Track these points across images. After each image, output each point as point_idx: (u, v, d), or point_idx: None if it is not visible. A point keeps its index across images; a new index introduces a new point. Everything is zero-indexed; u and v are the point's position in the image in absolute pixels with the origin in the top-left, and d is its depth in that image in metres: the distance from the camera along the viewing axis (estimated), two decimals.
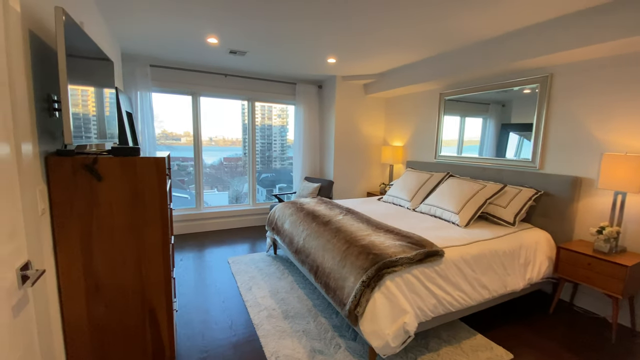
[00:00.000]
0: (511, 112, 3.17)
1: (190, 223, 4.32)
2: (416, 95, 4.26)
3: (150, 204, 1.45)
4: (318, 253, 2.26)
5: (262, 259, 3.39)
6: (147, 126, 3.84)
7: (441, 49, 3.19)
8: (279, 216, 3.15)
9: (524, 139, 3.06)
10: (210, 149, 4.58)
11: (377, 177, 4.96)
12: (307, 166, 4.82)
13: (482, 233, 2.46)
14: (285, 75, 4.51)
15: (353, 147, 4.71)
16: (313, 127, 4.82)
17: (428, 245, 2.00)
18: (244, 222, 4.67)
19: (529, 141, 3.00)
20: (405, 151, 4.49)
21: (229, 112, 4.67)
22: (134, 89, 3.73)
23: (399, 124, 4.60)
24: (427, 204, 3.04)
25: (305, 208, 3.01)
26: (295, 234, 2.70)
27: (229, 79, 4.31)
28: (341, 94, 4.48)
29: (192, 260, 3.39)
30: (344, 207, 3.01)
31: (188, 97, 4.25)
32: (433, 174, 3.43)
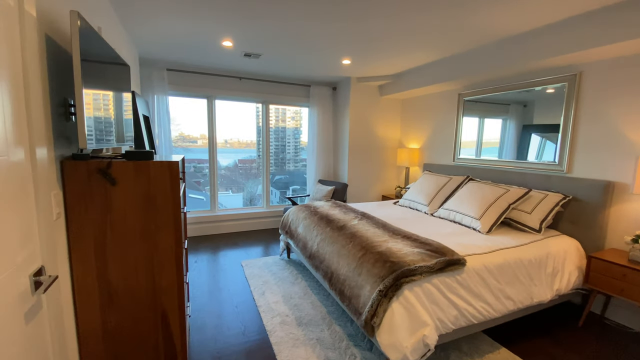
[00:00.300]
0: (533, 112, 3.03)
1: (205, 225, 4.34)
2: (433, 96, 4.15)
3: (163, 208, 1.43)
4: (332, 259, 2.20)
5: (276, 263, 3.35)
6: (163, 129, 3.89)
7: (461, 48, 3.08)
8: (293, 220, 3.11)
9: (547, 140, 2.92)
10: (226, 151, 4.62)
11: (392, 180, 4.86)
12: (320, 169, 4.77)
13: (505, 240, 2.34)
14: (299, 77, 4.48)
15: (368, 149, 4.63)
16: (327, 130, 4.77)
17: (449, 253, 1.91)
18: (258, 225, 4.66)
19: (552, 143, 2.85)
20: (422, 154, 4.37)
21: (244, 115, 4.69)
22: (151, 92, 3.79)
23: (416, 125, 4.49)
24: (445, 209, 2.93)
25: (319, 212, 2.95)
26: (309, 238, 2.65)
27: (243, 82, 4.32)
28: (356, 95, 4.42)
29: (206, 263, 3.39)
30: (359, 211, 2.93)
31: (203, 100, 4.28)
32: (452, 177, 3.31)
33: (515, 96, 3.17)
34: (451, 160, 3.87)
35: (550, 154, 2.87)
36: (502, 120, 3.32)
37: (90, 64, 1.31)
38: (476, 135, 3.59)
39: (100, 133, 1.40)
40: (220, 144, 4.35)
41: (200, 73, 4.00)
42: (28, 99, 1.01)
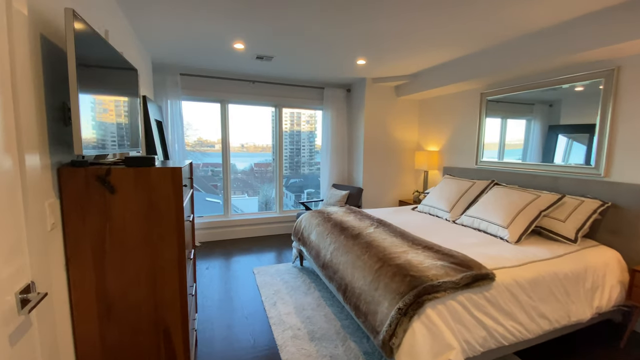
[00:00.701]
0: (560, 112, 2.81)
1: (218, 230, 4.29)
2: (453, 96, 3.95)
3: (165, 217, 1.34)
4: (347, 270, 2.06)
5: (288, 271, 3.24)
6: (177, 134, 3.87)
7: (484, 45, 2.89)
8: (305, 226, 2.99)
9: (573, 141, 2.72)
10: (242, 155, 4.58)
11: (410, 184, 4.67)
12: (335, 173, 4.64)
13: (537, 251, 2.13)
14: (312, 79, 4.38)
15: (384, 152, 4.46)
16: (341, 132, 4.64)
17: (475, 266, 1.74)
18: (271, 230, 4.57)
19: (580, 144, 2.66)
20: (442, 156, 4.17)
21: (260, 119, 4.63)
22: (164, 97, 3.78)
23: (434, 127, 4.29)
24: (469, 216, 2.73)
25: (332, 218, 2.82)
26: (322, 246, 2.52)
27: (256, 86, 4.26)
28: (371, 96, 4.27)
29: (218, 270, 3.31)
30: (375, 218, 2.78)
31: (217, 105, 4.25)
32: (475, 181, 3.11)
33: (540, 95, 2.96)
34: (473, 164, 3.65)
35: (578, 156, 2.66)
36: (525, 120, 3.10)
37: (91, 67, 1.25)
38: (498, 136, 3.38)
39: (103, 138, 1.33)
40: (237, 148, 4.36)
41: (213, 77, 3.97)
42: (17, 102, 0.94)
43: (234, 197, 5.13)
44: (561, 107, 2.80)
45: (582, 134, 2.63)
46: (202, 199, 5.21)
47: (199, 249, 3.96)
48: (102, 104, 1.37)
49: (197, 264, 3.47)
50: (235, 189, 5.03)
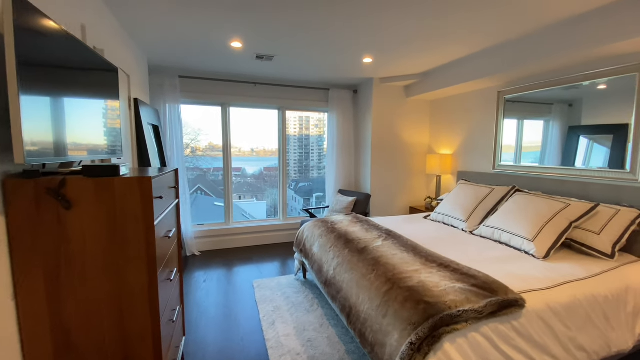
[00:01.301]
0: (581, 112, 2.58)
1: (218, 239, 4.11)
2: (468, 95, 3.68)
3: (133, 237, 1.14)
4: (351, 290, 1.82)
5: (290, 284, 3.02)
6: (175, 139, 3.71)
7: (502, 38, 2.63)
8: (308, 237, 2.77)
9: (594, 143, 2.52)
10: (253, 159, 4.52)
11: (421, 189, 4.40)
12: (341, 178, 4.41)
13: (570, 269, 1.86)
14: (317, 80, 4.18)
15: (393, 156, 4.22)
16: (348, 135, 4.41)
17: (501, 290, 1.48)
18: (274, 239, 4.36)
19: (601, 146, 2.46)
20: (455, 160, 3.89)
21: (269, 123, 4.45)
22: (162, 101, 3.63)
23: (447, 129, 4.03)
24: (488, 227, 2.46)
25: (337, 229, 2.59)
26: (324, 260, 2.29)
27: (258, 88, 4.08)
28: (379, 97, 4.04)
29: (216, 282, 3.12)
30: (384, 229, 2.54)
31: (217, 108, 4.09)
32: (494, 188, 2.83)
33: (560, 94, 2.70)
34: (490, 168, 3.37)
35: (598, 159, 2.46)
36: (543, 121, 2.87)
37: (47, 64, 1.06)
38: (515, 139, 3.12)
39: (59, 143, 1.14)
40: (247, 152, 4.31)
41: (213, 79, 3.81)
42: None
43: (242, 202, 4.99)
44: (582, 106, 2.56)
45: (604, 135, 2.43)
46: (211, 203, 5.10)
47: (197, 258, 3.78)
48: (65, 105, 1.19)
49: (194, 275, 3.28)
50: (245, 193, 4.90)
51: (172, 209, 1.62)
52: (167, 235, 1.45)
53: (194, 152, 4.42)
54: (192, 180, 4.61)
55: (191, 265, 3.56)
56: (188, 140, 4.29)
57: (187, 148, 4.25)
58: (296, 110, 4.44)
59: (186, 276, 3.26)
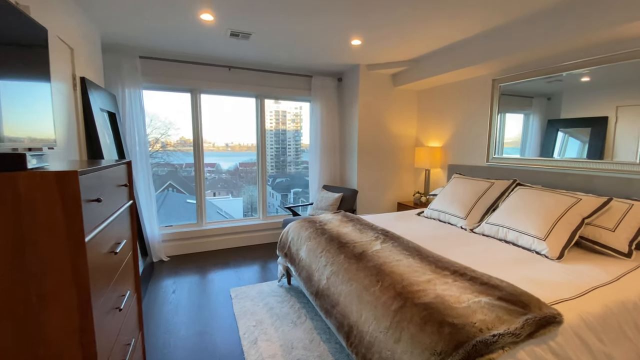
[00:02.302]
0: (560, 105, 2.57)
1: (190, 242, 3.68)
2: (459, 84, 3.48)
3: (50, 259, 0.77)
4: (351, 306, 1.53)
5: (273, 292, 2.69)
6: (137, 130, 3.23)
7: (500, 20, 2.42)
8: (293, 239, 2.45)
9: (569, 137, 2.55)
10: (227, 155, 4.20)
11: (409, 184, 4.19)
12: (325, 173, 4.11)
13: (590, 271, 1.67)
14: (299, 66, 3.83)
15: (380, 149, 3.96)
16: (332, 127, 4.11)
17: (533, 304, 1.24)
18: (253, 239, 4.00)
19: (575, 140, 2.52)
20: (445, 153, 3.71)
21: (245, 115, 4.04)
22: (120, 84, 3.14)
23: (436, 120, 3.83)
24: (491, 224, 2.26)
25: (327, 230, 2.29)
26: (314, 267, 1.99)
27: (233, 73, 3.67)
28: (366, 86, 3.76)
29: (187, 293, 2.72)
30: (379, 228, 2.27)
31: (186, 95, 3.63)
32: (493, 181, 2.64)
33: (542, 87, 2.69)
34: (484, 161, 3.20)
35: (572, 152, 2.51)
36: (524, 115, 2.89)
37: None
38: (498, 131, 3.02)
39: None
40: (222, 147, 4.04)
41: (181, 61, 3.35)
42: None
43: (217, 199, 4.60)
44: (562, 100, 2.56)
45: (580, 128, 2.47)
46: (184, 200, 4.66)
47: (165, 265, 3.34)
48: None
49: (162, 286, 2.87)
50: (220, 189, 4.61)
51: (122, 213, 1.24)
52: (114, 251, 1.08)
53: (165, 147, 3.97)
54: (163, 176, 4.18)
55: (158, 274, 3.13)
56: (158, 135, 3.85)
57: (157, 143, 3.80)
58: (276, 100, 4.06)
59: (151, 288, 2.84)
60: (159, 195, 4.17)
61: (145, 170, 3.30)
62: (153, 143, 3.60)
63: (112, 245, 1.09)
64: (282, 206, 4.85)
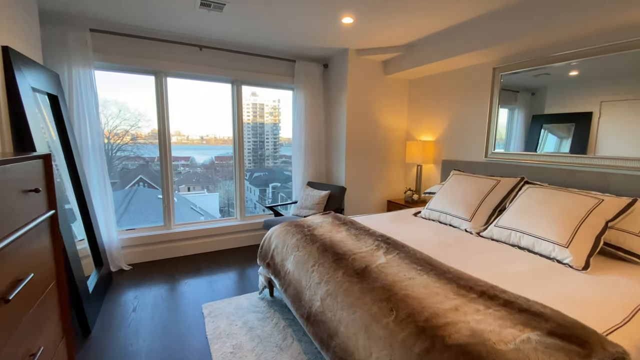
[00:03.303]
0: (545, 100, 2.50)
1: (156, 247, 3.22)
2: (455, 73, 3.23)
3: None
4: (355, 339, 1.21)
5: (254, 307, 2.33)
6: (88, 116, 2.72)
7: (503, 1, 2.16)
8: (278, 246, 2.09)
9: (549, 133, 2.50)
10: (203, 148, 3.87)
11: (398, 180, 3.93)
12: (310, 168, 3.76)
13: (623, 285, 1.45)
14: (280, 48, 3.43)
15: (369, 143, 3.66)
16: (317, 118, 3.75)
17: (592, 339, 0.97)
18: (229, 243, 3.59)
19: (553, 136, 2.47)
20: (439, 148, 3.46)
21: (220, 103, 3.61)
22: (65, 62, 2.61)
23: (429, 112, 3.57)
24: (502, 227, 2.01)
25: (318, 236, 1.95)
26: (305, 284, 1.65)
27: (205, 53, 3.21)
28: (355, 73, 3.43)
29: (150, 310, 2.31)
30: (377, 234, 1.96)
31: (149, 78, 3.14)
32: (499, 179, 2.41)
33: (528, 81, 2.59)
34: (482, 156, 2.98)
35: (550, 148, 2.49)
36: (508, 110, 2.78)
37: None
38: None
39: None
40: (197, 140, 3.74)
41: (143, 37, 2.86)
42: None
43: (191, 194, 4.23)
44: (546, 95, 2.48)
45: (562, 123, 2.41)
46: (155, 196, 4.21)
47: (126, 275, 2.88)
48: None
49: (120, 301, 2.42)
50: (194, 184, 4.30)
51: (30, 233, 0.84)
52: (4, 297, 0.68)
53: (135, 140, 3.52)
54: (134, 170, 3.70)
55: (116, 287, 2.67)
56: (127, 126, 3.38)
57: (127, 135, 3.32)
58: (255, 86, 3.64)
59: (106, 306, 2.39)
60: (127, 190, 3.72)
61: (99, 165, 2.80)
62: (122, 135, 3.15)
63: (5, 286, 0.69)
64: (260, 201, 4.51)
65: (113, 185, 3.45)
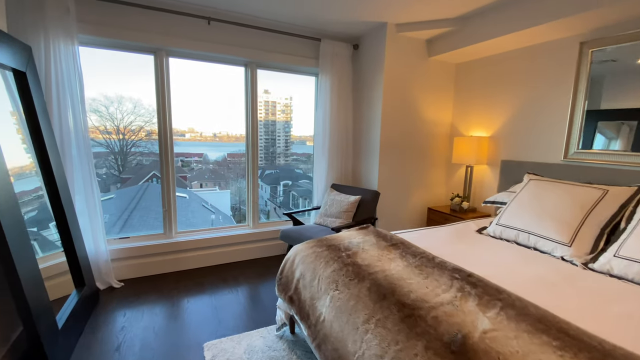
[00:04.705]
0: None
1: (152, 260, 2.71)
2: (521, 53, 2.59)
3: None
4: None
5: (270, 348, 1.78)
6: (70, 103, 2.22)
7: None
8: (305, 276, 1.53)
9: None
10: (215, 145, 3.66)
11: (439, 184, 3.31)
12: (334, 169, 3.19)
13: None
14: (303, 23, 2.86)
15: (407, 138, 3.06)
16: (344, 109, 3.17)
17: None
18: (240, 254, 3.06)
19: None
20: (495, 145, 2.84)
21: (234, 94, 3.11)
22: (41, 33, 2.10)
23: (481, 102, 2.94)
24: (626, 259, 1.39)
25: (364, 268, 1.38)
26: (353, 348, 1.08)
27: (214, 28, 2.66)
28: (393, 55, 2.83)
29: (138, 349, 1.78)
30: (449, 265, 1.38)
31: (148, 57, 2.62)
32: (607, 188, 1.78)
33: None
34: (560, 157, 2.34)
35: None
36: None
37: None
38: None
39: None
40: (209, 137, 3.51)
41: (139, 6, 2.33)
42: None
43: (203, 191, 4.03)
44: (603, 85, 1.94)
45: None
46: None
47: (116, 294, 2.37)
48: None
49: (102, 334, 1.91)
50: (206, 181, 4.15)
51: None
52: None
53: (149, 136, 3.13)
54: (147, 166, 3.48)
55: (101, 312, 2.16)
56: (142, 123, 2.99)
57: (142, 131, 3.01)
58: (271, 69, 3.08)
59: (85, 338, 1.88)
60: (140, 186, 3.47)
61: (84, 161, 2.29)
62: (137, 131, 2.95)
63: None
64: (272, 199, 4.08)
65: (127, 180, 3.25)
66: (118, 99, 2.70)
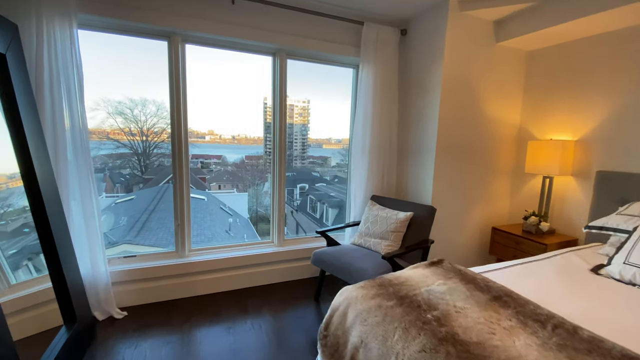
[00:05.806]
0: None
1: (162, 283, 2.29)
2: (619, 36, 2.00)
3: None
4: None
5: None
6: (66, 94, 1.83)
7: None
8: (368, 343, 1.04)
9: None
10: (233, 147, 3.59)
11: (502, 197, 2.74)
12: (375, 177, 2.68)
13: None
14: (342, 3, 2.38)
15: (467, 142, 2.51)
16: (390, 106, 2.66)
17: None
18: (263, 277, 2.59)
19: None
20: (584, 152, 2.25)
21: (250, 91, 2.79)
22: (34, 10, 1.73)
23: (562, 99, 2.36)
24: None
25: (472, 348, 0.86)
26: None
27: (239, 8, 2.23)
28: (454, 39, 2.30)
29: None
30: (608, 345, 0.84)
31: (162, 43, 2.21)
32: None
33: None
34: None
35: None
36: None
37: None
38: None
39: None
40: (228, 140, 3.40)
41: None
42: None
43: (221, 192, 4.00)
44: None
45: None
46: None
47: (116, 327, 1.95)
48: None
49: None
50: (225, 182, 4.21)
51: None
52: None
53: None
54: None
55: (99, 349, 1.74)
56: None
57: (164, 133, 2.81)
58: (304, 59, 2.61)
59: None
60: (159, 187, 3.36)
61: (81, 164, 1.90)
62: (160, 132, 2.84)
63: None
64: (288, 202, 3.90)
65: (149, 181, 3.12)
66: (141, 102, 2.59)
